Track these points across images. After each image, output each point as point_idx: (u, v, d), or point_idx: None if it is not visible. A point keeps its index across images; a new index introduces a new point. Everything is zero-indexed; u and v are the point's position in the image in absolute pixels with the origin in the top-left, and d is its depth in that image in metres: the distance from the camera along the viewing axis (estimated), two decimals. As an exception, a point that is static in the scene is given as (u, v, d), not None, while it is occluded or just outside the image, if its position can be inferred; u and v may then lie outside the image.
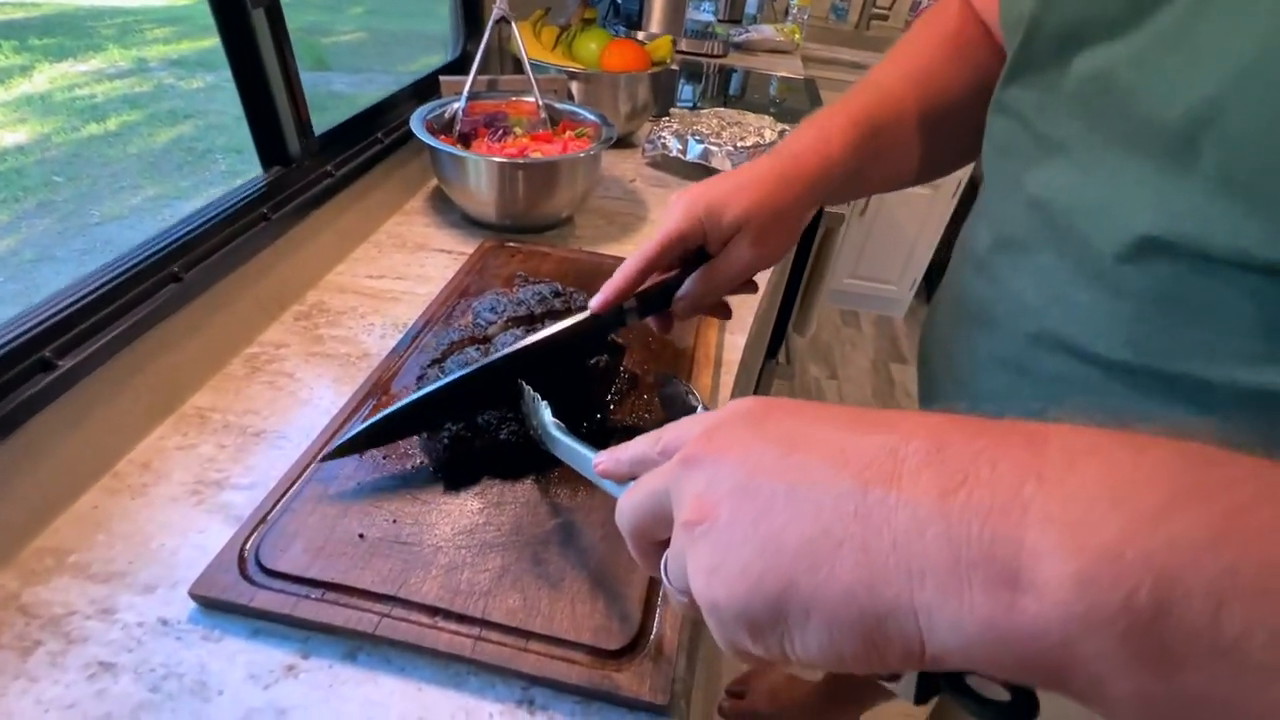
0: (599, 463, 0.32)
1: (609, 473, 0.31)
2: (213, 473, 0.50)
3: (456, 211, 0.89)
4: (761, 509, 0.20)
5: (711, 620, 0.21)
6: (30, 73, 1.54)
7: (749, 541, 0.20)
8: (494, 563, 0.44)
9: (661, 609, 0.43)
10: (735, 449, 0.22)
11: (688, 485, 0.23)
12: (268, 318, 0.65)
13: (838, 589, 0.18)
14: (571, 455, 0.38)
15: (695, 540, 0.22)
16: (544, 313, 0.55)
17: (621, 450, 0.31)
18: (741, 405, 0.25)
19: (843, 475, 0.20)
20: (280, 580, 0.42)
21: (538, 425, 0.44)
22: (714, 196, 0.44)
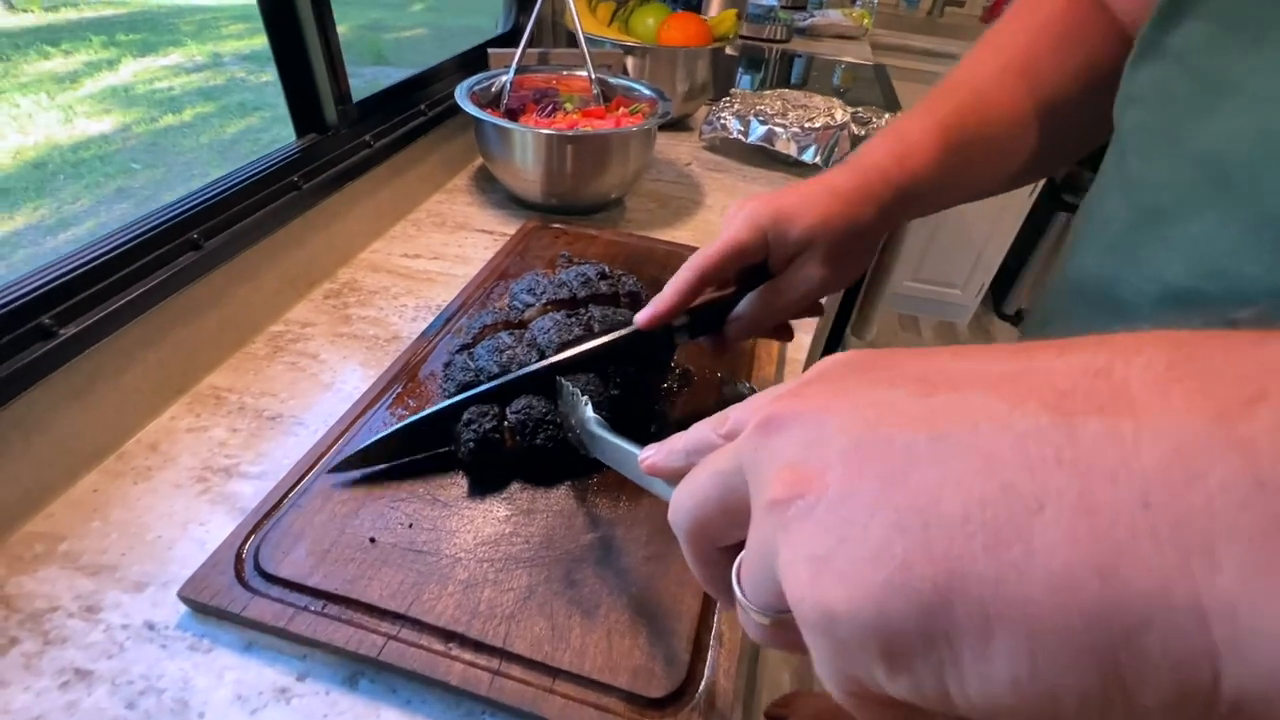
0: (646, 457, 0.25)
1: (659, 467, 0.24)
2: (222, 458, 0.46)
3: (500, 191, 0.83)
4: (895, 467, 0.14)
5: (822, 644, 0.14)
6: (116, 66, 1.61)
7: (880, 513, 0.13)
8: (519, 581, 0.38)
9: (715, 651, 0.36)
10: (842, 399, 0.16)
11: (773, 454, 0.16)
12: (295, 294, 0.61)
13: (1043, 578, 0.12)
14: (615, 454, 0.32)
15: (790, 524, 0.15)
16: (588, 296, 0.49)
17: (674, 440, 0.24)
18: (835, 357, 0.18)
19: (1026, 408, 0.13)
20: (279, 587, 0.37)
21: (577, 423, 0.37)
22: (781, 207, 0.38)
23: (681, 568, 0.39)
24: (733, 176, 0.95)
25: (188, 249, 0.49)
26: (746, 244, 0.38)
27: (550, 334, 0.45)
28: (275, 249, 0.58)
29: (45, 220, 1.23)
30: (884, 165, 0.39)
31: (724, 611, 0.38)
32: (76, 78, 1.54)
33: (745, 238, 0.38)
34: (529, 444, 0.42)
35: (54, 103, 1.47)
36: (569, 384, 0.40)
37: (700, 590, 0.38)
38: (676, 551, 0.41)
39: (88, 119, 1.50)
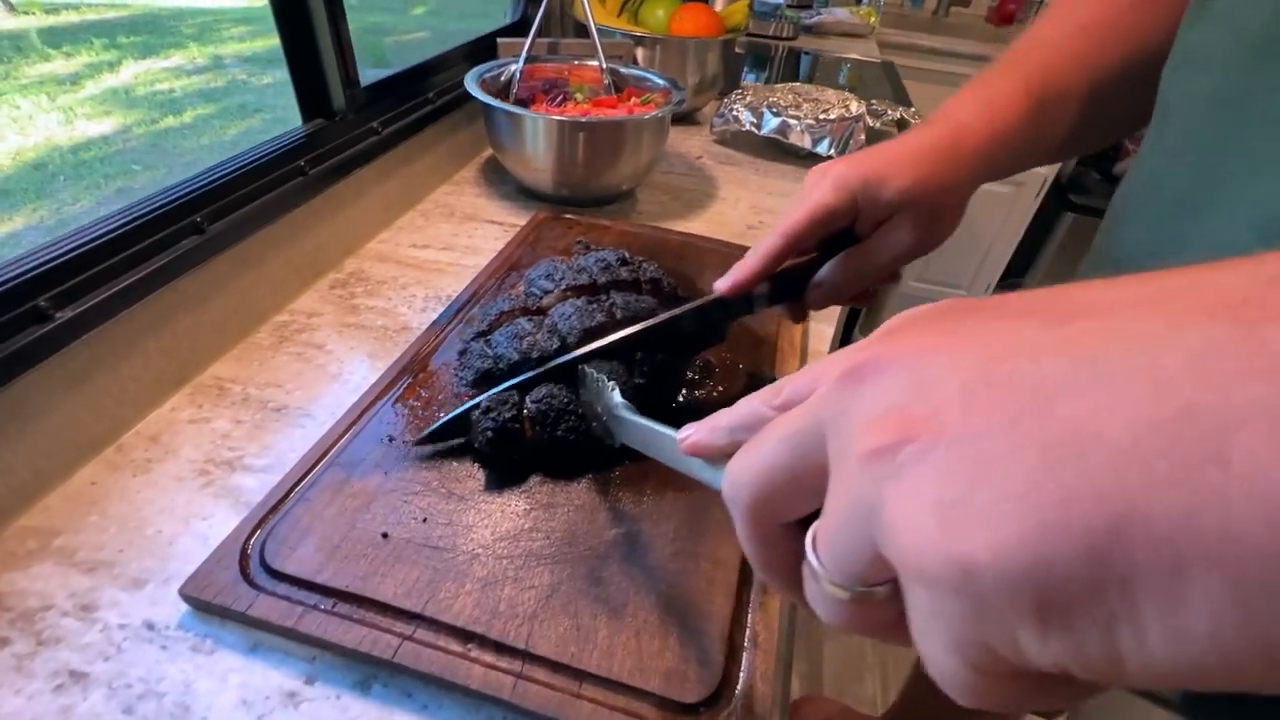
0: (686, 436, 0.23)
1: (702, 446, 0.22)
2: (225, 450, 0.44)
3: (510, 182, 0.82)
4: (1035, 399, 0.12)
5: (953, 605, 0.12)
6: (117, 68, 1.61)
7: (1022, 449, 0.12)
8: (542, 579, 0.36)
9: (750, 654, 0.34)
10: (949, 338, 0.14)
11: (867, 403, 0.15)
12: (301, 283, 0.59)
13: (1254, 504, 0.10)
14: (647, 438, 0.30)
15: (902, 471, 0.13)
16: (608, 282, 0.47)
17: (717, 417, 0.22)
18: (914, 310, 0.16)
19: (1192, 323, 0.11)
20: (286, 584, 0.35)
21: (603, 410, 0.35)
22: (870, 169, 0.37)
23: (711, 565, 0.37)
24: (745, 170, 0.93)
25: (191, 232, 0.47)
26: (835, 208, 0.37)
27: (571, 320, 0.43)
28: (280, 236, 0.56)
29: (45, 221, 1.22)
30: (973, 125, 0.38)
31: (759, 611, 0.36)
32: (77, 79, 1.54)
33: (834, 201, 0.37)
34: (550, 435, 0.39)
35: (54, 104, 1.47)
36: (593, 371, 0.38)
37: (732, 589, 0.36)
38: (705, 548, 0.40)
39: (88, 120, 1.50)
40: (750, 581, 0.37)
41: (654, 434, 0.28)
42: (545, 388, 0.40)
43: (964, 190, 0.38)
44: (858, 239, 0.39)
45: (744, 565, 0.38)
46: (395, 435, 0.43)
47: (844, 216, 0.37)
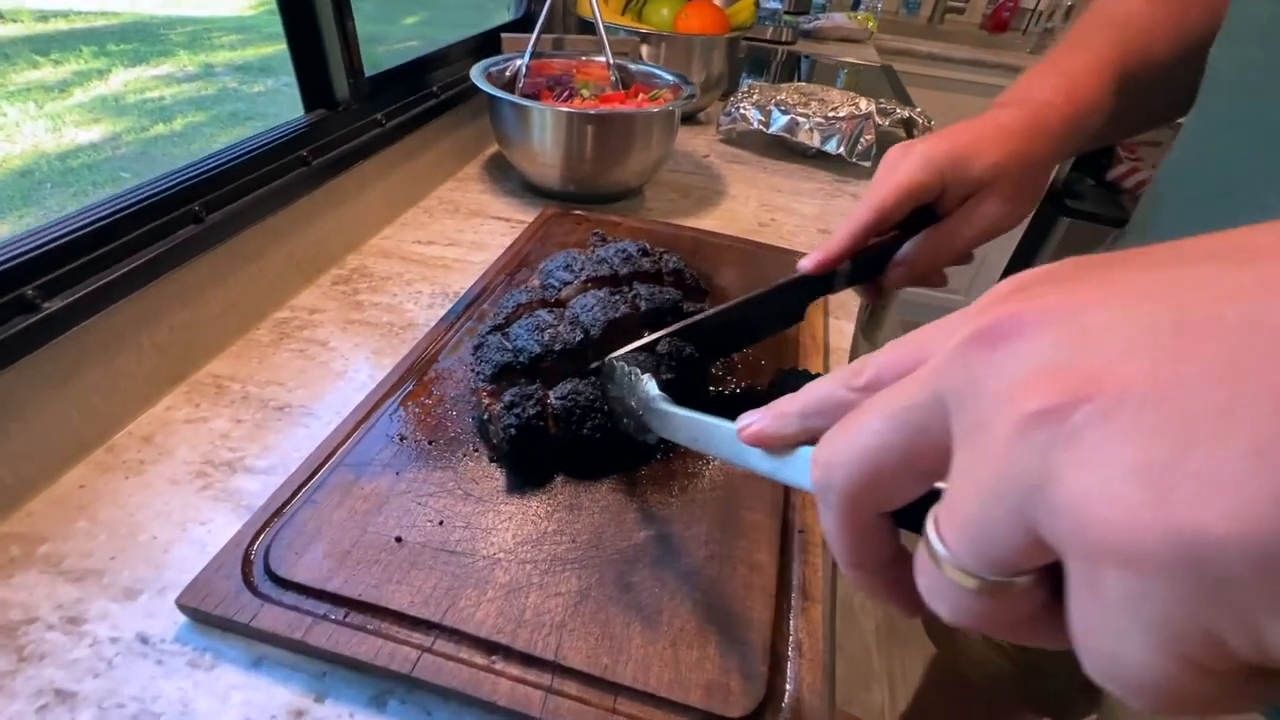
0: (748, 425, 0.21)
1: (767, 435, 0.20)
2: (224, 451, 0.41)
3: (515, 179, 0.80)
4: (1252, 341, 0.10)
5: (1168, 587, 0.10)
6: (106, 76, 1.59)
7: (1250, 397, 0.10)
8: (569, 584, 0.33)
9: (795, 663, 0.32)
10: (1106, 288, 0.12)
11: (1006, 366, 0.13)
12: (302, 279, 0.57)
13: None
14: (694, 432, 0.27)
15: (1080, 434, 0.11)
16: (630, 274, 0.45)
17: (784, 403, 0.20)
18: (1036, 270, 0.15)
19: None
20: (293, 593, 0.32)
21: (637, 404, 0.33)
22: (955, 146, 0.37)
23: (747, 569, 0.35)
24: (753, 168, 0.91)
25: (188, 221, 0.45)
26: (924, 184, 0.37)
27: (594, 311, 0.41)
28: (281, 228, 0.53)
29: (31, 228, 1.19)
30: (1053, 100, 0.38)
31: (801, 618, 0.34)
32: (66, 87, 1.51)
33: (923, 177, 0.37)
34: (575, 433, 0.37)
35: (42, 111, 1.44)
36: (623, 364, 0.36)
37: (771, 594, 0.34)
38: (740, 551, 0.37)
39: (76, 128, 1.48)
40: (790, 586, 0.35)
41: (703, 426, 0.26)
42: (570, 383, 0.38)
43: (1049, 166, 0.38)
44: (936, 218, 0.39)
45: (782, 569, 0.36)
46: (406, 434, 0.41)
47: (931, 192, 0.37)
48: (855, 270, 0.40)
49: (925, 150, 0.37)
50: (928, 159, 0.37)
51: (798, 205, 0.82)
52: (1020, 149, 0.37)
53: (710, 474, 0.40)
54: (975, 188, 0.37)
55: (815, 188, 0.88)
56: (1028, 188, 0.38)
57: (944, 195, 0.38)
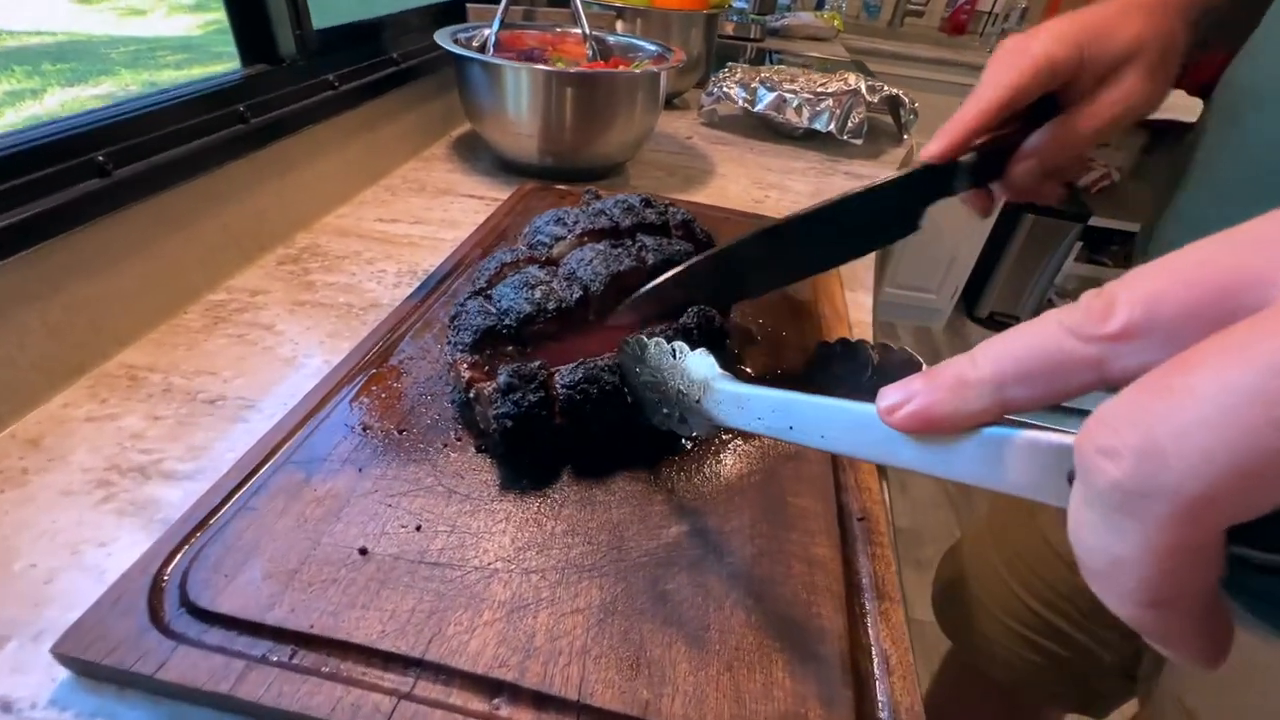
0: (903, 404, 0.15)
1: (939, 415, 0.14)
2: (136, 454, 0.33)
3: (487, 157, 0.72)
4: None
5: None
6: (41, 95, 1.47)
7: None
8: (588, 597, 0.26)
9: (885, 682, 0.25)
10: None
11: None
12: (242, 256, 0.48)
13: None
14: (786, 417, 0.21)
15: None
16: (633, 225, 0.38)
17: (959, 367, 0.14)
18: None
19: None
20: (220, 629, 0.24)
21: (686, 389, 0.26)
22: (1090, 21, 0.33)
23: (805, 567, 0.28)
24: (739, 149, 0.86)
25: (91, 173, 0.36)
26: (1061, 60, 0.32)
27: (594, 265, 0.34)
28: (214, 193, 0.45)
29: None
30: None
31: (882, 624, 0.27)
32: (-4, 107, 1.40)
33: (1060, 52, 0.32)
34: (586, 428, 0.30)
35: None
36: (658, 340, 0.28)
37: (840, 596, 0.27)
38: (793, 545, 0.30)
39: None
40: (859, 585, 0.28)
41: (808, 410, 0.20)
42: (582, 369, 0.30)
43: (1183, 45, 0.34)
44: (1058, 110, 0.34)
45: (846, 564, 0.29)
46: (371, 423, 0.33)
47: (1069, 68, 0.33)
48: (981, 165, 0.34)
49: (1057, 27, 0.33)
50: (1064, 33, 0.33)
51: (790, 183, 0.77)
52: (1158, 23, 0.33)
53: (743, 452, 0.34)
54: (1114, 64, 0.33)
55: (806, 166, 0.83)
56: (1167, 64, 0.34)
57: (1079, 75, 0.33)
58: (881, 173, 0.84)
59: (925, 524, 1.50)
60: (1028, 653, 0.56)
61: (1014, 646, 0.57)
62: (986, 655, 0.60)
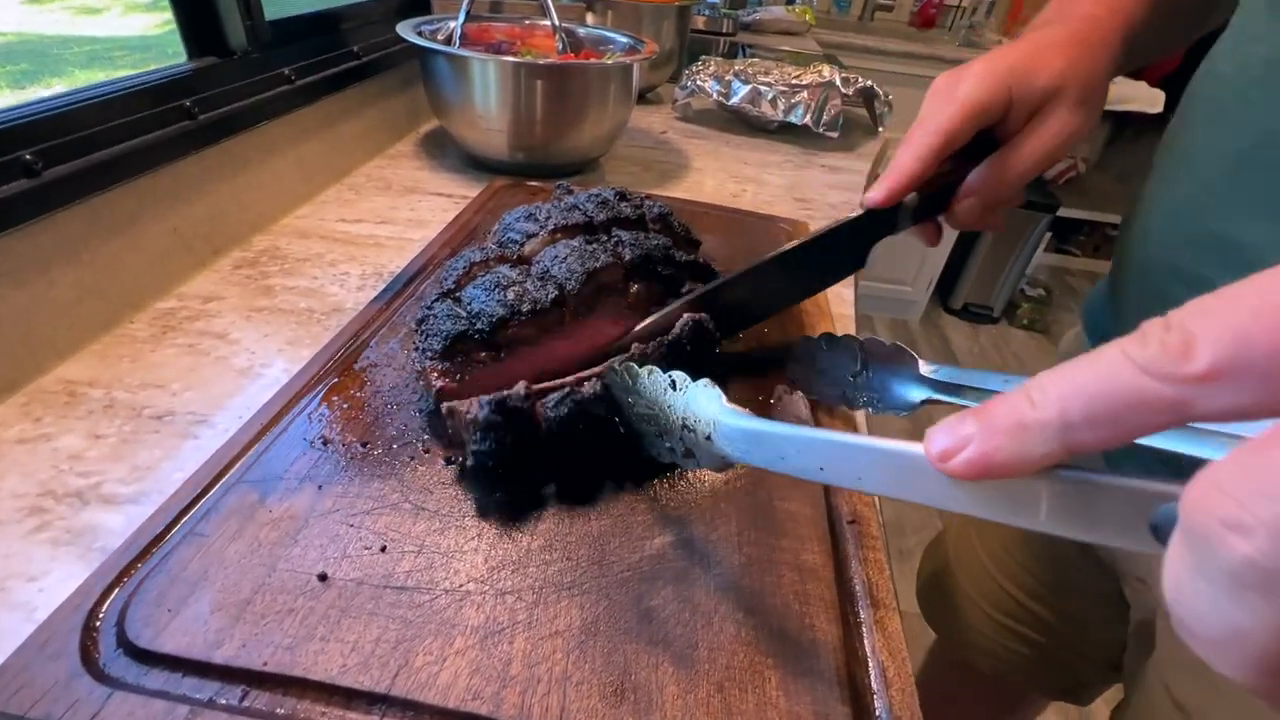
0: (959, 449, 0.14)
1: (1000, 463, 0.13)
2: (73, 477, 0.30)
3: (455, 154, 0.70)
4: None
5: None
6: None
7: None
8: (569, 618, 0.24)
9: (883, 696, 0.24)
10: None
11: None
12: (194, 261, 0.46)
13: None
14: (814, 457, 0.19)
15: None
16: (608, 220, 0.36)
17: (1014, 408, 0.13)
18: None
19: None
20: (163, 670, 0.22)
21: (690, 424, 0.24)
22: (1016, 60, 0.34)
23: (796, 575, 0.27)
24: (715, 143, 0.85)
25: (18, 174, 0.33)
26: (989, 101, 0.34)
27: (569, 263, 0.32)
28: (160, 194, 0.42)
29: None
30: (1095, 13, 0.36)
31: (878, 634, 0.26)
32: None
33: (987, 95, 0.34)
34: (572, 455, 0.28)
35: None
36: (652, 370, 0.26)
37: (834, 606, 0.26)
38: (784, 553, 0.28)
39: None
40: (853, 593, 0.27)
41: (840, 449, 0.18)
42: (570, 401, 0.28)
43: (1107, 75, 0.35)
44: (996, 145, 0.35)
45: (839, 571, 0.28)
46: (331, 437, 0.31)
47: (997, 108, 0.34)
48: (922, 205, 0.36)
49: (983, 68, 0.34)
50: (990, 74, 0.34)
51: (768, 177, 0.76)
52: (1080, 56, 0.34)
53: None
54: (1041, 100, 0.34)
55: (783, 160, 0.82)
56: (1093, 96, 0.35)
57: (1009, 113, 0.35)
58: (857, 165, 0.84)
59: (907, 515, 1.51)
60: (1013, 643, 0.56)
61: (999, 637, 0.57)
62: (971, 646, 0.60)
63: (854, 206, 0.72)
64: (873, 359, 0.34)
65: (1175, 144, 0.35)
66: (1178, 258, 0.33)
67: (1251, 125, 0.30)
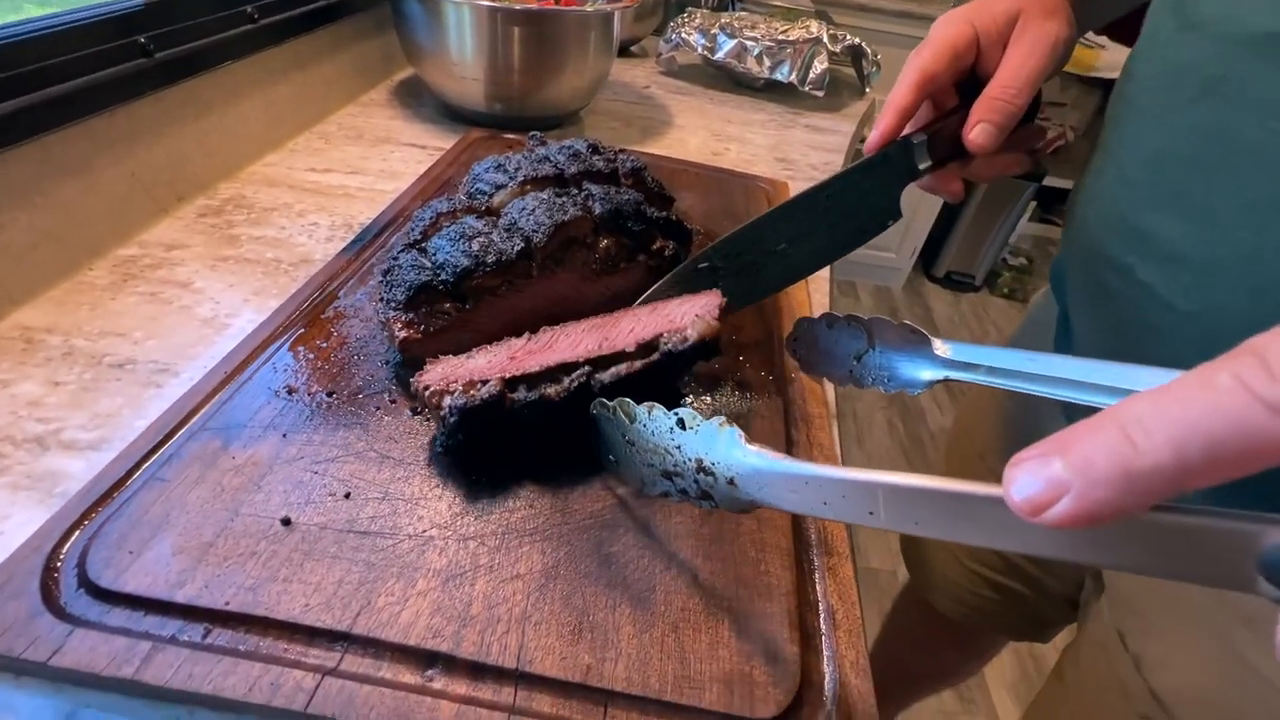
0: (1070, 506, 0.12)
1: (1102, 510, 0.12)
2: (32, 423, 0.30)
3: (431, 104, 0.68)
4: None
5: None
6: None
7: None
8: (529, 563, 0.25)
9: (830, 637, 0.25)
10: None
11: None
12: (155, 207, 0.44)
13: None
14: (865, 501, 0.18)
15: None
16: (579, 173, 0.36)
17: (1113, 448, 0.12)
18: None
19: None
20: (124, 609, 0.22)
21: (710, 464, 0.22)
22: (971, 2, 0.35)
23: (754, 524, 0.27)
24: (699, 99, 0.83)
25: (-42, 110, 0.32)
26: (955, 35, 0.35)
27: (537, 215, 0.32)
28: (115, 136, 0.41)
29: None
30: None
31: (830, 579, 0.27)
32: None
33: (952, 30, 0.35)
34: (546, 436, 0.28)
35: None
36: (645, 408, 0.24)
37: (789, 553, 0.27)
38: None
39: None
40: (808, 541, 0.28)
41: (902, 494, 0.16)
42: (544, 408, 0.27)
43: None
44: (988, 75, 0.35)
45: (796, 520, 0.29)
46: (297, 386, 0.31)
47: (964, 43, 0.35)
48: (935, 146, 0.35)
49: (942, 19, 0.36)
50: (951, 16, 0.35)
51: (751, 135, 0.75)
52: None
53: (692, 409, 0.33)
54: (1006, 24, 0.35)
55: (767, 119, 0.81)
56: (1058, 10, 0.35)
57: (981, 45, 0.35)
58: (842, 126, 0.83)
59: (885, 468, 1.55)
60: (986, 590, 0.59)
61: (973, 586, 0.59)
62: (943, 592, 0.62)
63: (836, 168, 0.72)
64: (881, 340, 0.32)
65: (1106, 137, 0.36)
66: (1106, 246, 0.33)
67: (1164, 126, 0.30)
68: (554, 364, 0.28)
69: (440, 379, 0.27)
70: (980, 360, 0.28)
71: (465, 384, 0.26)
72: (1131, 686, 0.36)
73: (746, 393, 0.34)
